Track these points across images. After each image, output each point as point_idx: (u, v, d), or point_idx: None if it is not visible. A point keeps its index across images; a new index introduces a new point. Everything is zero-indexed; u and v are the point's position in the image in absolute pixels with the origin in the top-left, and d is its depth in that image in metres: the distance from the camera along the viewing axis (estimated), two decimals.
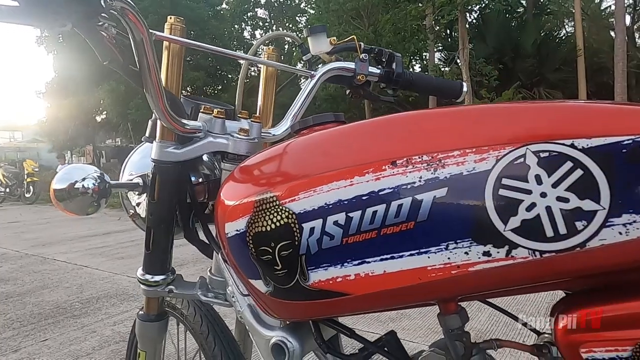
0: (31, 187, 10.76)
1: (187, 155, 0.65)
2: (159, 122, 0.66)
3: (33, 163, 11.29)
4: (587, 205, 0.33)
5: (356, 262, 0.41)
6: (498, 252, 0.35)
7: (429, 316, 2.23)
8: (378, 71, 0.82)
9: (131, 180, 0.73)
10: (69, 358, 1.96)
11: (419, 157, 0.39)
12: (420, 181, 0.38)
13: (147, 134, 0.70)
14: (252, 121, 0.69)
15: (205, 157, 0.77)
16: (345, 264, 0.41)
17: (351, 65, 0.81)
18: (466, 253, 0.36)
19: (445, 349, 0.50)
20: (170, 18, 0.64)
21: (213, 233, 0.68)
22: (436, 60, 12.92)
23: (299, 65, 0.81)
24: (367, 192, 0.41)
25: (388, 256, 0.40)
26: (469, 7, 10.79)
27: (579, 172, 0.33)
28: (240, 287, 0.63)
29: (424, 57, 14.90)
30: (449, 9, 9.04)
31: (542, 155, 0.35)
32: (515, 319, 0.53)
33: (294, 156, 0.49)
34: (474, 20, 13.65)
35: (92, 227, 5.98)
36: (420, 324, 2.16)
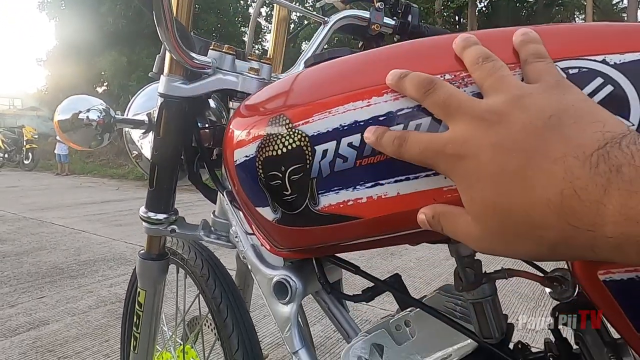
0: (30, 154, 10.74)
1: (196, 91, 0.64)
2: (167, 55, 0.64)
3: (32, 130, 11.24)
4: None
5: (369, 184, 0.40)
6: None
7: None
8: (393, 22, 0.80)
9: (136, 117, 0.72)
10: (66, 315, 1.97)
11: (441, 77, 0.38)
12: None
13: (154, 69, 0.69)
14: (262, 62, 0.67)
15: (212, 104, 0.76)
16: (358, 186, 0.40)
17: (366, 14, 0.78)
18: None
19: (451, 290, 0.50)
20: None
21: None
22: None
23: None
24: (385, 112, 0.39)
25: (403, 177, 0.38)
26: None
27: (609, 88, 0.32)
28: (244, 226, 0.62)
29: None
30: None
31: (571, 71, 0.33)
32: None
33: (308, 81, 0.47)
34: (484, 8, 13.47)
35: (91, 195, 5.99)
36: None
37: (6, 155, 11.36)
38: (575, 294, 0.41)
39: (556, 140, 0.26)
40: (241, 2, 18.00)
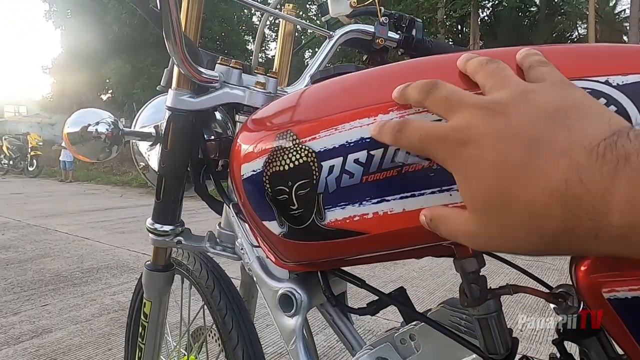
0: (34, 161, 10.80)
1: (203, 105, 0.65)
2: (175, 69, 0.65)
3: (37, 137, 11.32)
4: None
5: (375, 200, 0.40)
6: None
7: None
8: (397, 36, 0.81)
9: (144, 130, 0.73)
10: (69, 323, 1.98)
11: None
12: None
13: (162, 83, 0.70)
14: (268, 76, 0.68)
15: (218, 116, 0.77)
16: (364, 202, 0.41)
17: (370, 28, 0.80)
18: None
19: (457, 304, 0.50)
20: None
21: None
22: None
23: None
24: None
25: (409, 194, 0.39)
26: (482, 3, 10.69)
27: (612, 109, 0.33)
28: (250, 238, 0.63)
29: None
30: (462, 2, 8.96)
31: None
32: (528, 274, 0.53)
33: (315, 97, 0.48)
34: (486, 17, 13.54)
35: (95, 202, 6.01)
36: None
37: (11, 162, 11.43)
38: (580, 310, 0.41)
39: (562, 131, 0.26)
40: (245, 10, 18.17)
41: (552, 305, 0.42)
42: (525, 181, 0.25)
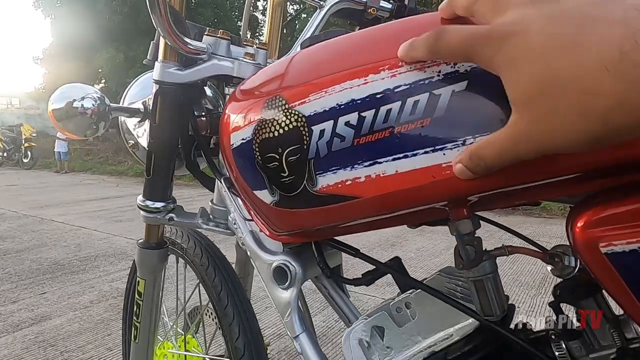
0: (29, 152, 10.72)
1: (191, 77, 0.63)
2: (161, 41, 0.63)
3: (31, 128, 11.22)
4: None
5: (367, 163, 0.39)
6: None
7: None
8: (390, 6, 0.79)
9: (132, 106, 0.71)
10: (68, 310, 1.98)
11: None
12: (439, 75, 0.36)
13: (148, 56, 0.68)
14: (258, 47, 0.67)
15: (209, 92, 0.75)
16: (356, 165, 0.40)
17: None
18: None
19: (453, 272, 0.49)
20: None
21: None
22: None
23: None
24: (382, 89, 0.39)
25: (401, 155, 0.38)
26: None
27: None
28: (242, 212, 0.62)
29: None
30: None
31: None
32: (519, 235, 0.52)
33: (304, 62, 0.47)
34: None
35: (91, 192, 5.99)
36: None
37: (5, 154, 11.35)
38: (577, 270, 0.41)
39: (614, 6, 0.25)
40: None
41: (548, 268, 0.41)
42: (576, 58, 0.25)
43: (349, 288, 0.67)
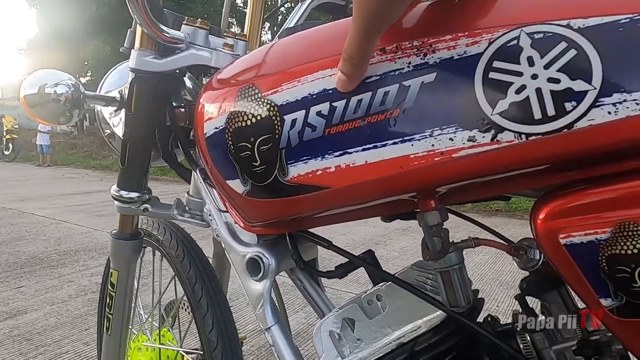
0: (10, 145, 10.50)
1: (168, 66, 0.62)
2: (138, 29, 0.62)
3: (12, 120, 10.97)
4: (578, 85, 0.32)
5: (337, 153, 0.40)
6: (483, 137, 0.34)
7: None
8: None
9: (108, 95, 0.70)
10: (45, 304, 1.94)
11: (409, 43, 0.37)
12: (408, 67, 0.37)
13: (125, 44, 0.67)
14: (237, 39, 0.66)
15: (188, 83, 0.75)
16: (326, 155, 0.40)
17: None
18: (451, 139, 0.35)
19: (423, 266, 0.50)
20: None
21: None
22: None
23: None
24: None
25: (371, 145, 0.38)
26: None
27: (572, 52, 0.32)
28: (217, 203, 0.62)
29: None
30: None
31: (536, 36, 0.33)
32: (486, 228, 0.53)
33: (279, 51, 0.47)
34: None
35: (73, 186, 5.88)
36: None
37: None
38: (540, 263, 0.41)
39: None
40: None
41: (514, 260, 0.42)
42: None
43: (329, 285, 0.67)
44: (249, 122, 0.44)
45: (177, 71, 0.65)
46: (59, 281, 2.23)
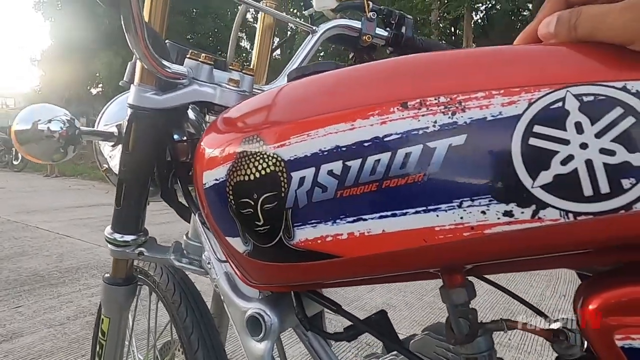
0: (20, 155, 10.56)
1: (168, 103, 0.59)
2: (138, 63, 0.59)
3: None
4: (638, 159, 0.27)
5: (351, 219, 0.35)
6: (522, 213, 0.29)
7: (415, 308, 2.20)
8: (386, 33, 0.75)
9: (106, 129, 0.66)
10: (42, 326, 1.89)
11: (435, 99, 0.33)
12: (434, 126, 0.32)
13: (125, 78, 0.63)
14: (244, 73, 0.62)
15: (191, 115, 0.71)
16: (338, 220, 0.35)
17: (357, 24, 0.74)
18: (483, 212, 0.30)
19: (443, 332, 0.45)
20: None
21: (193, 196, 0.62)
22: None
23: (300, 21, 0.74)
24: (371, 137, 0.34)
25: (389, 213, 0.33)
26: (476, 6, 10.70)
27: (630, 120, 0.27)
28: (217, 252, 0.57)
29: None
30: (456, 4, 8.96)
31: (585, 99, 0.28)
32: (524, 302, 0.48)
33: (287, 98, 0.42)
34: (480, 20, 13.58)
35: (79, 198, 5.88)
36: (406, 315, 2.13)
37: None
38: (584, 350, 0.36)
39: None
40: (239, 7, 17.95)
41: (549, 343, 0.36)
42: None
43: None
44: (252, 177, 0.40)
45: (180, 105, 0.61)
46: (57, 301, 2.18)
